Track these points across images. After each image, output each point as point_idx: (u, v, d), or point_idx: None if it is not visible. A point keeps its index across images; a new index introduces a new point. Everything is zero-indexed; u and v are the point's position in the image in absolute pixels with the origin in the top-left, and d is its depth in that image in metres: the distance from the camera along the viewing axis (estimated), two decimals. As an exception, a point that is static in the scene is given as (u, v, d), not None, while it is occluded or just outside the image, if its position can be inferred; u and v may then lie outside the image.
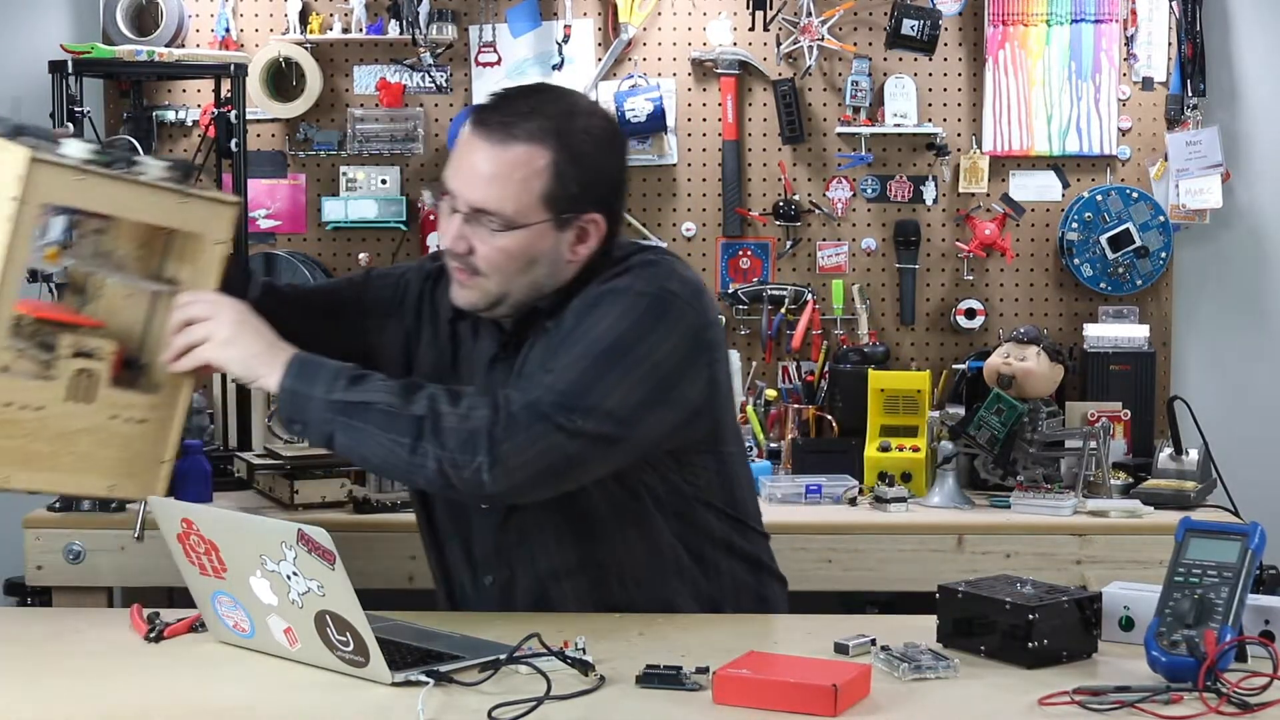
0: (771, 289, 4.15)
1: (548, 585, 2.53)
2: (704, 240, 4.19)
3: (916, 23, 4.00)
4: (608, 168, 2.48)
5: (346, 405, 2.33)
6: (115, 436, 2.38)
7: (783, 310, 4.14)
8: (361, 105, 4.21)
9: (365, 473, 3.64)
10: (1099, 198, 4.09)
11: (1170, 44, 4.12)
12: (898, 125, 4.13)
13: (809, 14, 4.06)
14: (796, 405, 4.01)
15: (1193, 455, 3.79)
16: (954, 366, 4.06)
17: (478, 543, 2.56)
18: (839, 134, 4.16)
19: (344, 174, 4.20)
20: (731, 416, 2.61)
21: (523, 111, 2.44)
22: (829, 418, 3.96)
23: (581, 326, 2.40)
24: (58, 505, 3.58)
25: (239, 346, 2.37)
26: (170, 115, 4.19)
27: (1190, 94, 4.11)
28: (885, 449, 3.76)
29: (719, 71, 4.13)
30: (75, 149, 2.29)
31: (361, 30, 4.14)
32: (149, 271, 2.45)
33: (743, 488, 2.63)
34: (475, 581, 2.58)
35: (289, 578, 2.10)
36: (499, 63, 4.18)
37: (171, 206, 2.35)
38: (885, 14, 4.06)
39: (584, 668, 2.10)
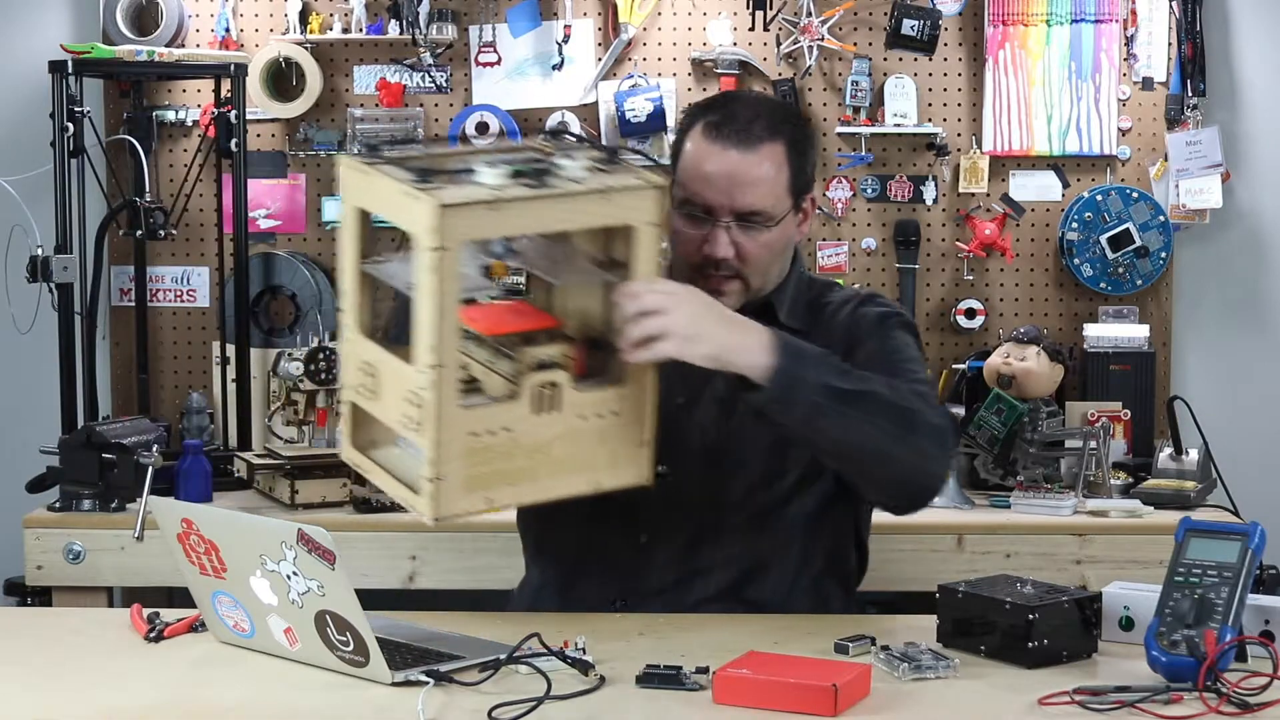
0: (771, 289, 4.15)
1: (700, 566, 2.56)
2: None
3: (916, 23, 4.00)
4: (812, 146, 2.68)
5: (842, 393, 2.37)
6: (589, 434, 2.31)
7: (783, 310, 4.14)
8: (361, 105, 4.21)
9: (365, 473, 3.64)
10: (1099, 198, 4.09)
11: (1170, 44, 4.12)
12: (898, 125, 4.13)
13: (809, 14, 4.06)
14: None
15: (1193, 455, 3.79)
16: (954, 366, 4.06)
17: (657, 503, 2.55)
18: (839, 134, 4.16)
19: (344, 174, 4.20)
20: None
21: (749, 116, 2.57)
22: (829, 418, 3.96)
23: (893, 348, 2.58)
24: (58, 505, 3.58)
25: (705, 341, 2.32)
26: (170, 115, 4.19)
27: (1190, 94, 4.10)
28: (885, 449, 3.76)
29: (719, 71, 4.13)
30: (489, 176, 2.22)
31: (361, 30, 4.14)
32: (598, 254, 2.39)
33: (868, 528, 2.77)
34: (626, 534, 2.58)
35: (289, 578, 2.10)
36: (499, 63, 4.18)
37: (595, 207, 2.27)
38: (885, 14, 4.06)
39: (584, 668, 2.10)
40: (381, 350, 2.32)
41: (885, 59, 4.14)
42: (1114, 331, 4.06)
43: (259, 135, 4.19)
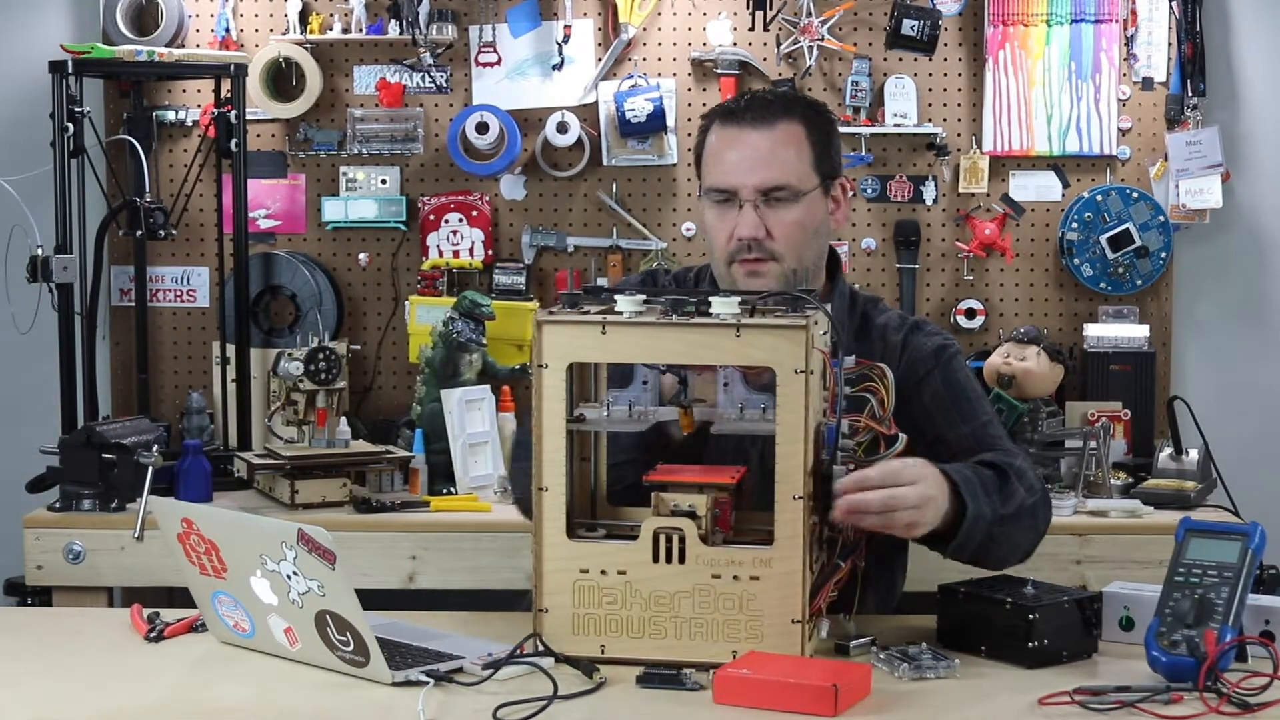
0: (771, 289, 4.15)
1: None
2: (704, 240, 4.18)
3: (916, 23, 4.00)
4: (834, 130, 2.69)
5: (1004, 518, 2.39)
6: (724, 597, 2.16)
7: (783, 310, 4.14)
8: (361, 105, 4.21)
9: (365, 473, 3.64)
10: (1099, 198, 4.09)
11: (1170, 44, 4.12)
12: (898, 125, 4.13)
13: (809, 14, 4.06)
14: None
15: (1193, 455, 3.79)
16: (954, 366, 4.06)
17: None
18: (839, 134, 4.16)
19: (344, 174, 4.20)
20: None
21: (765, 100, 2.64)
22: (829, 418, 3.96)
23: (959, 387, 2.60)
24: (58, 505, 3.58)
25: (928, 509, 2.26)
26: (170, 115, 4.19)
27: (1190, 94, 4.10)
28: (885, 449, 3.76)
29: (719, 71, 4.13)
30: (624, 303, 2.18)
31: (361, 30, 4.14)
32: (758, 398, 2.31)
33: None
34: None
35: (289, 577, 2.10)
36: (499, 63, 4.18)
37: (723, 343, 2.16)
38: (885, 14, 4.06)
39: (585, 668, 2.10)
40: None
41: (885, 59, 4.14)
42: (1114, 331, 4.06)
43: (259, 135, 4.19)
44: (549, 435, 2.17)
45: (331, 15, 4.16)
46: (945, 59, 4.15)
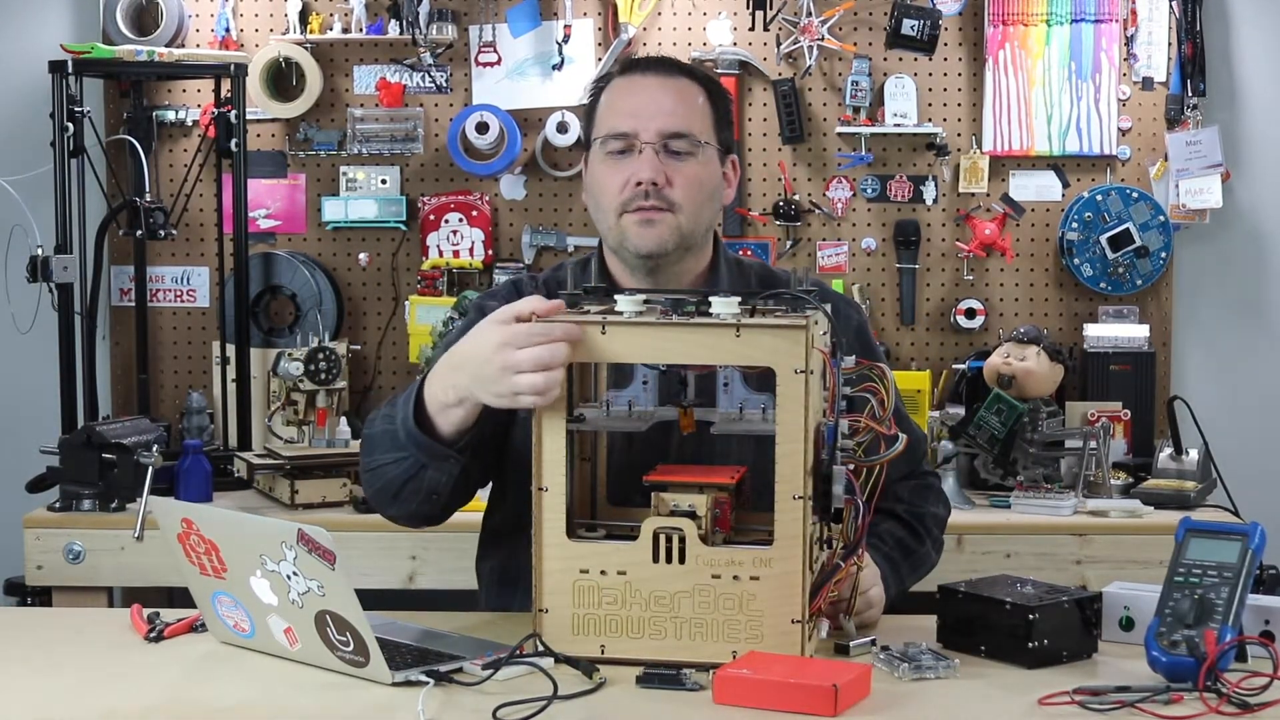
0: (771, 289, 4.15)
1: None
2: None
3: (916, 23, 4.00)
4: (730, 110, 2.59)
5: (905, 591, 2.52)
6: (724, 597, 2.15)
7: (783, 310, 4.14)
8: (361, 105, 4.21)
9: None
10: (1099, 198, 4.09)
11: (1170, 44, 4.12)
12: (898, 125, 4.13)
13: (809, 14, 4.06)
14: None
15: (1193, 455, 3.79)
16: (954, 366, 4.06)
17: None
18: (839, 134, 4.17)
19: (344, 174, 4.21)
20: None
21: (666, 59, 2.59)
22: (829, 418, 3.96)
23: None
24: (58, 505, 3.58)
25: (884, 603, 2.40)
26: (170, 115, 4.19)
27: (1190, 94, 4.11)
28: (885, 449, 3.76)
29: (719, 71, 4.13)
30: (624, 304, 2.17)
31: (361, 30, 4.14)
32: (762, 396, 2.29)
33: None
34: None
35: (289, 578, 2.10)
36: (499, 63, 4.18)
37: (721, 343, 2.14)
38: (885, 14, 4.06)
39: (585, 668, 2.10)
40: None
41: (885, 59, 4.14)
42: (1114, 331, 4.06)
43: (259, 135, 4.19)
44: (549, 435, 2.17)
45: (331, 15, 4.16)
46: (945, 59, 4.15)
